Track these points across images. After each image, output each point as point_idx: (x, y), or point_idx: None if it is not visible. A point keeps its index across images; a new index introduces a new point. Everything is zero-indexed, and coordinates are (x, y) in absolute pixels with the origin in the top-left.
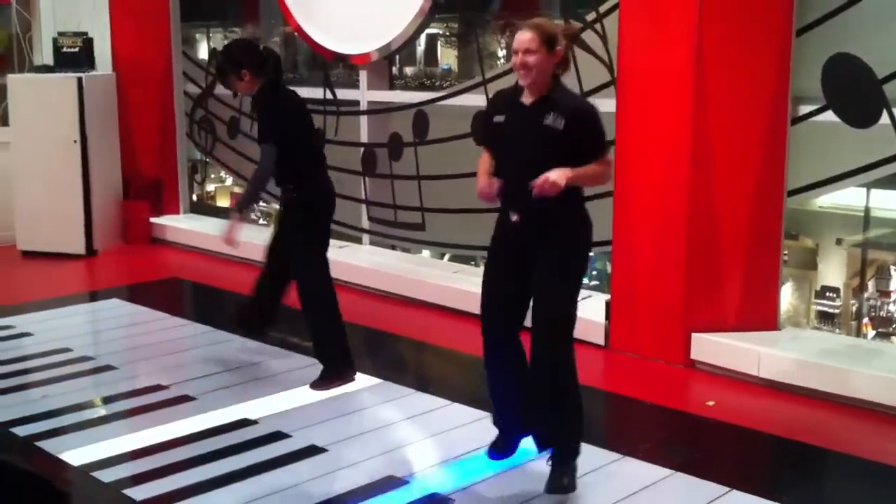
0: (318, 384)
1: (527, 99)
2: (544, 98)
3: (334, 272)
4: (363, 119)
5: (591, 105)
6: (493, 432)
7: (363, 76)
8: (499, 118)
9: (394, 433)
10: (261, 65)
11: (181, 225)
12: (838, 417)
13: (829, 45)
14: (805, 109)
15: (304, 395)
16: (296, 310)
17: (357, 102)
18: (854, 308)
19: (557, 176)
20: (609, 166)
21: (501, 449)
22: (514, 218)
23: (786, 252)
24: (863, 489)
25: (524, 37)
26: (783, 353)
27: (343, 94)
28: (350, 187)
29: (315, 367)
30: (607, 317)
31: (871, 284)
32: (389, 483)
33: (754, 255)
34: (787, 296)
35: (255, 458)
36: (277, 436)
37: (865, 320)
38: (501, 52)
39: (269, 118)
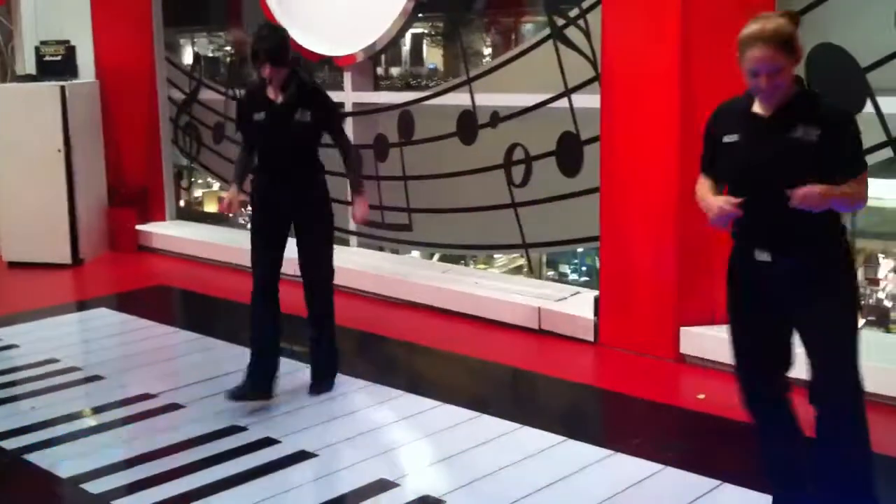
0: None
1: (763, 110)
2: (789, 106)
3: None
4: (348, 121)
5: (848, 110)
6: (480, 431)
7: (348, 78)
8: (730, 138)
9: (384, 435)
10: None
11: (168, 232)
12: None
13: (813, 35)
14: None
15: (293, 400)
16: (283, 314)
17: (342, 104)
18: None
19: (823, 189)
20: (865, 185)
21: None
22: (765, 257)
23: None
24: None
25: (764, 54)
26: None
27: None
28: (336, 189)
29: (302, 372)
30: (596, 313)
31: (859, 273)
32: (381, 486)
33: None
34: None
35: (245, 465)
36: (267, 442)
37: None
38: (487, 51)
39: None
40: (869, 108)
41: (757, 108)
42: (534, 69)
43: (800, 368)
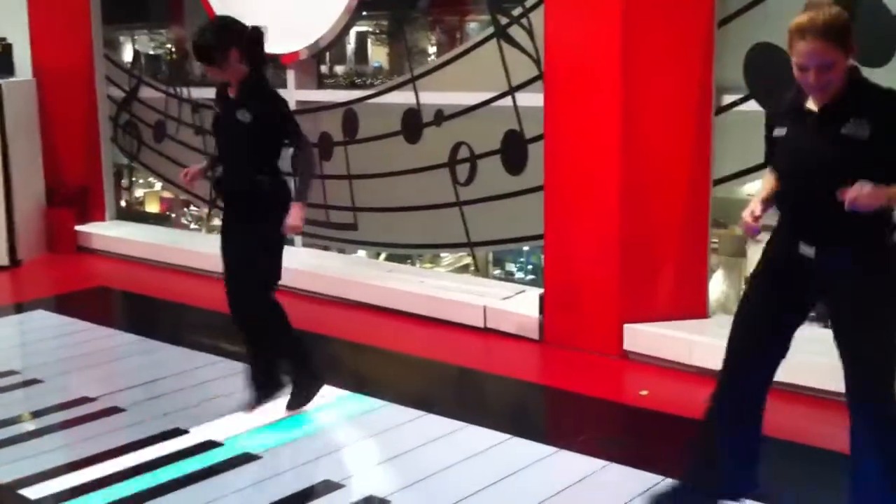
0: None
1: (814, 103)
2: (838, 100)
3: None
4: None
5: None
6: (425, 431)
7: (291, 75)
8: (779, 131)
9: (329, 436)
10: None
11: (108, 232)
12: (771, 402)
13: (751, 35)
14: (729, 99)
15: (235, 402)
16: (221, 314)
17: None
18: None
19: (873, 189)
20: None
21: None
22: (809, 252)
23: (716, 241)
24: (795, 472)
25: (814, 48)
26: (714, 340)
27: None
28: None
29: (241, 375)
30: (541, 311)
31: None
32: (326, 487)
33: (684, 245)
34: (719, 283)
35: (187, 469)
36: (209, 444)
37: None
38: (431, 49)
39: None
40: None
41: (809, 101)
42: (478, 68)
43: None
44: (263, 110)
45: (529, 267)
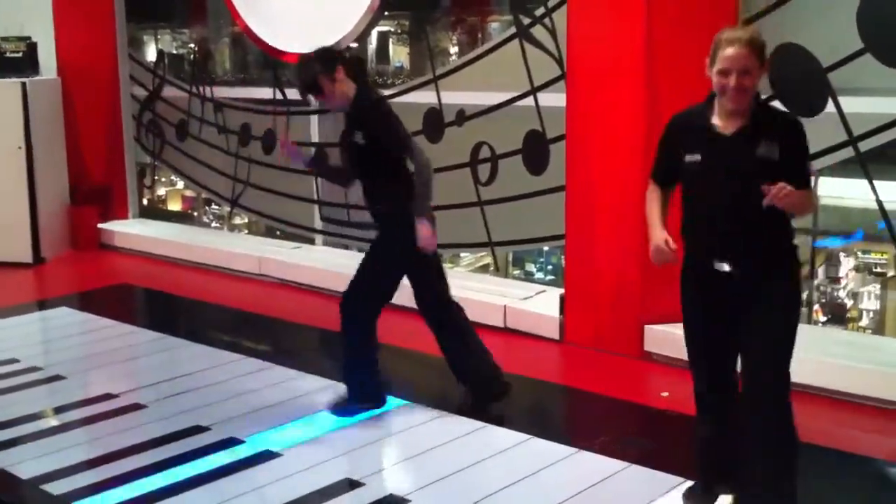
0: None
1: (724, 126)
2: (749, 122)
3: (288, 273)
4: (314, 119)
5: (801, 123)
6: (445, 431)
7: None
8: (692, 157)
9: (349, 435)
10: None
11: (130, 230)
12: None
13: (775, 35)
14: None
15: (256, 400)
16: (242, 311)
17: (308, 102)
18: (805, 295)
19: (795, 192)
20: (813, 192)
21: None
22: (726, 269)
23: None
24: (813, 474)
25: (740, 53)
26: None
27: (293, 94)
28: (301, 187)
29: (262, 373)
30: (562, 311)
31: (820, 272)
32: (346, 485)
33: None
34: None
35: (208, 466)
36: (231, 442)
37: (816, 307)
38: (453, 49)
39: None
40: (830, 107)
41: (716, 120)
42: (500, 67)
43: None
44: (369, 128)
45: (549, 267)
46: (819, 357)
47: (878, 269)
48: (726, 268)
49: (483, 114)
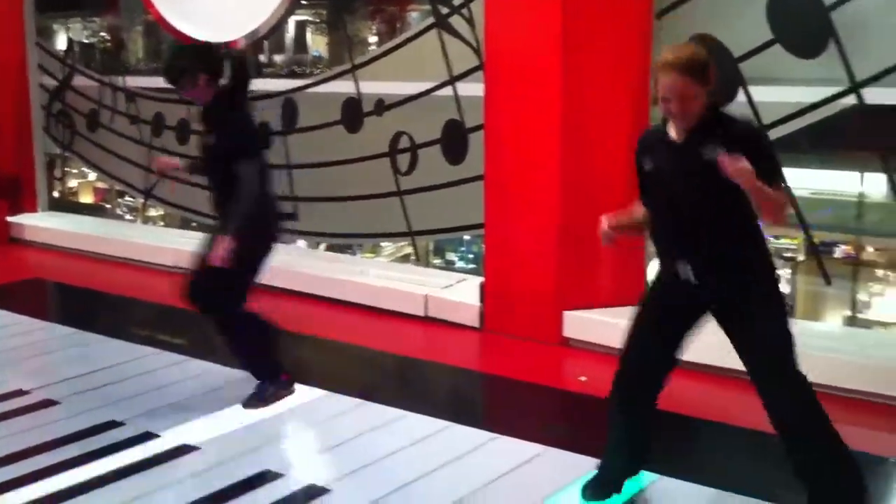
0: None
1: (676, 134)
2: (696, 130)
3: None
4: None
5: (755, 125)
6: (366, 419)
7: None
8: (648, 166)
9: (269, 426)
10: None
11: (40, 223)
12: (710, 388)
13: (688, 27)
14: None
15: (173, 394)
16: (158, 305)
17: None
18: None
19: (750, 170)
20: (786, 199)
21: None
22: (689, 277)
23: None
24: (733, 455)
25: (676, 82)
26: None
27: None
28: None
29: (179, 366)
30: (482, 299)
31: None
32: (266, 477)
33: (623, 233)
34: (654, 270)
35: (123, 461)
36: (146, 436)
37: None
38: (372, 39)
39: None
40: (741, 97)
41: (671, 131)
42: (419, 57)
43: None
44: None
45: (470, 256)
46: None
47: (789, 255)
48: (691, 277)
49: (402, 103)
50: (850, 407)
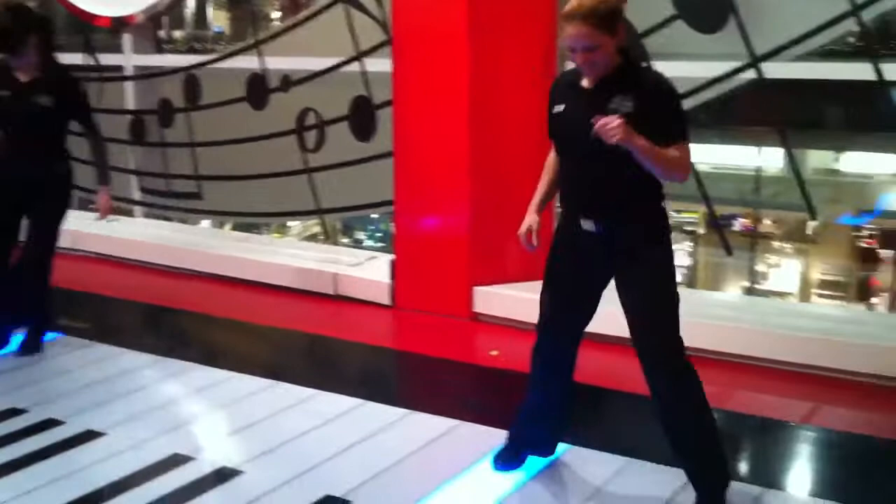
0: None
1: (588, 81)
2: (608, 79)
3: (105, 248)
4: (128, 85)
5: (667, 81)
6: (277, 399)
7: (127, 40)
8: (558, 108)
9: (177, 409)
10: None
11: None
12: (618, 358)
13: None
14: (572, 65)
15: (76, 379)
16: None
17: (121, 68)
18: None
19: (627, 128)
20: (688, 157)
21: (505, 457)
22: (589, 227)
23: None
24: (637, 421)
25: (579, 31)
26: None
27: (106, 59)
28: (118, 159)
29: (82, 351)
30: (392, 276)
31: None
32: (175, 461)
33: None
34: None
35: (27, 449)
36: (50, 423)
37: None
38: (275, 14)
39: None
40: None
41: (584, 78)
42: (325, 32)
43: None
44: (64, 94)
45: (378, 235)
46: None
47: (690, 228)
48: (590, 226)
49: (309, 79)
50: (751, 373)
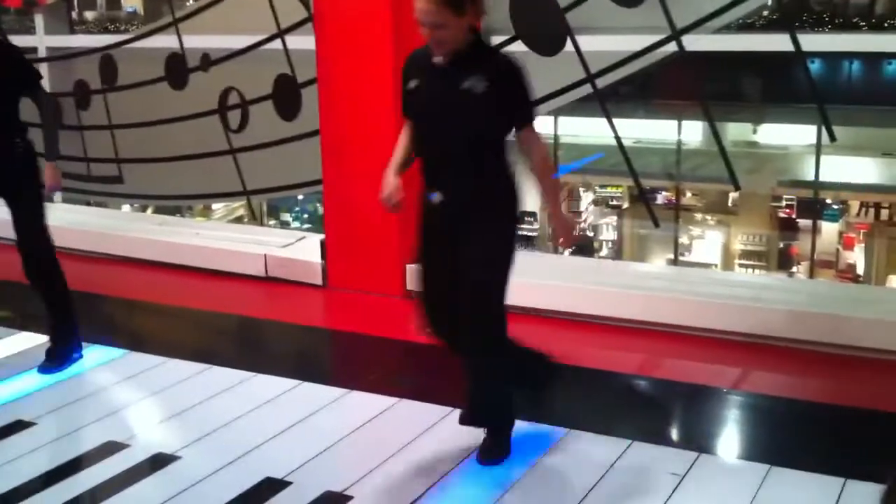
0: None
1: (440, 59)
2: (460, 58)
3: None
4: (42, 67)
5: (518, 63)
6: (211, 384)
7: (39, 20)
8: (412, 84)
9: (109, 397)
10: None
11: None
12: (549, 330)
13: None
14: (497, 41)
15: (3, 368)
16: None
17: (35, 49)
18: (550, 230)
19: (563, 218)
20: (539, 140)
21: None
22: (436, 197)
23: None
24: (574, 392)
25: (426, 7)
26: None
27: (18, 41)
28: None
29: (4, 340)
30: (323, 256)
31: (563, 206)
32: (110, 448)
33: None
34: None
35: None
36: None
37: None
38: None
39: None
40: (569, 46)
41: (437, 57)
42: (244, 10)
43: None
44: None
45: (305, 216)
46: (575, 285)
47: (615, 203)
48: (439, 197)
49: (230, 58)
50: (683, 341)
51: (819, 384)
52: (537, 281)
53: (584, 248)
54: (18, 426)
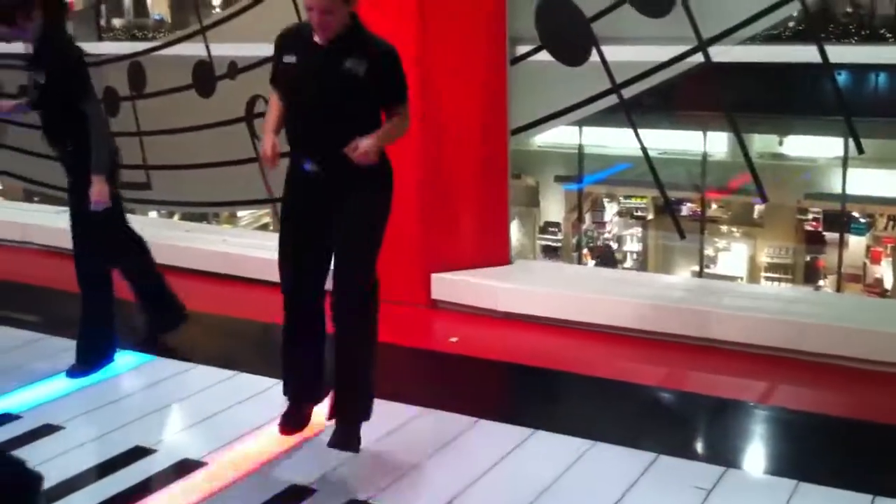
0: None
1: (320, 39)
2: (341, 40)
3: (52, 239)
4: None
5: (393, 47)
6: (237, 390)
7: (69, 27)
8: (289, 58)
9: (135, 402)
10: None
11: None
12: (573, 342)
13: None
14: (522, 50)
15: (29, 373)
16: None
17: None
18: (574, 240)
19: (373, 141)
20: (408, 116)
21: (294, 420)
22: (310, 167)
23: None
24: (599, 404)
25: None
26: (518, 285)
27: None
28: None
29: (34, 345)
30: None
31: (587, 217)
32: (137, 453)
33: (484, 194)
34: (514, 232)
35: None
36: (6, 418)
37: (585, 251)
38: (216, 1)
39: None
40: (595, 56)
41: (318, 37)
42: (271, 18)
43: None
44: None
45: None
46: (597, 296)
47: (639, 213)
48: (313, 167)
49: (257, 66)
50: (709, 354)
51: (847, 399)
52: (561, 291)
53: (608, 258)
54: (46, 430)
